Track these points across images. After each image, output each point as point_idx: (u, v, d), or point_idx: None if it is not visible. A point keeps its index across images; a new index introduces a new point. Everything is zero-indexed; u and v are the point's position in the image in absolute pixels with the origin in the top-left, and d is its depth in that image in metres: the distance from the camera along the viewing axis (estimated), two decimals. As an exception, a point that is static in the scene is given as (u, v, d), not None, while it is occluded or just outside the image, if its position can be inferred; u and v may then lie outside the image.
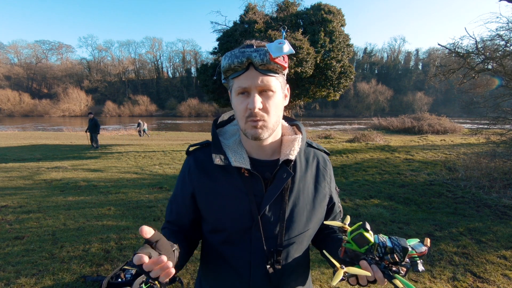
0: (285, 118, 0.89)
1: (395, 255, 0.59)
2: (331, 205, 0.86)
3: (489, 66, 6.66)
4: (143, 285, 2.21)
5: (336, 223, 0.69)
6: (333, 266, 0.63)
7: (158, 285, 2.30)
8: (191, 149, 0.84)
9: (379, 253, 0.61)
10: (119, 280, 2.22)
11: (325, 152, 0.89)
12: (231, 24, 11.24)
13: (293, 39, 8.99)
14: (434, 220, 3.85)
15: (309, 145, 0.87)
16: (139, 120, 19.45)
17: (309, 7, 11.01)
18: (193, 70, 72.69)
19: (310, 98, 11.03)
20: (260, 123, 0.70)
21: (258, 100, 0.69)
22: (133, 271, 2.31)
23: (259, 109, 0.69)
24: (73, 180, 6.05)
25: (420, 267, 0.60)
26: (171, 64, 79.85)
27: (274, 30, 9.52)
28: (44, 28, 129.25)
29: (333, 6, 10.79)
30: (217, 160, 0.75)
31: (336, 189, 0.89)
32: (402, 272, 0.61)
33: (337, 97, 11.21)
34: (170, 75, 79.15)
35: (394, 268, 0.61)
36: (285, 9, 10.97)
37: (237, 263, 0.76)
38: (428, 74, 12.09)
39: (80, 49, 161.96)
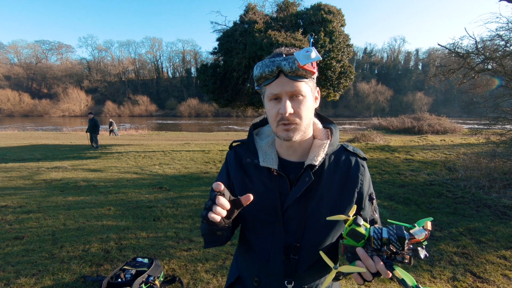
0: (321, 118, 0.93)
1: (391, 246, 0.58)
2: (358, 211, 0.85)
3: (489, 66, 6.66)
4: (143, 285, 2.21)
5: (339, 217, 0.67)
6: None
7: (158, 285, 2.30)
8: (234, 144, 0.94)
9: (376, 246, 0.60)
10: (119, 280, 2.22)
11: (360, 157, 0.87)
12: (231, 24, 11.24)
13: (293, 39, 8.99)
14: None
15: (344, 148, 0.88)
16: (111, 119, 19.00)
17: (309, 7, 11.02)
18: (193, 70, 72.63)
19: (310, 98, 11.01)
20: (292, 126, 0.75)
21: (289, 105, 0.73)
22: (133, 271, 2.31)
23: (290, 113, 0.73)
24: (73, 180, 6.05)
25: (422, 254, 0.58)
26: (171, 64, 79.85)
27: (274, 30, 9.52)
28: (44, 28, 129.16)
29: (333, 6, 10.79)
30: (248, 159, 0.86)
31: (372, 195, 0.87)
32: (407, 260, 0.59)
33: (337, 97, 11.21)
34: (170, 75, 79.12)
35: (398, 257, 0.59)
36: (285, 9, 10.97)
37: (259, 250, 0.85)
38: (428, 74, 12.11)
39: (80, 49, 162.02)
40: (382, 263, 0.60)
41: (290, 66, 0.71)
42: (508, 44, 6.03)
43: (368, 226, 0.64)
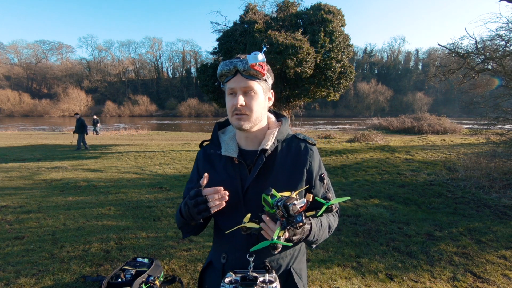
0: (275, 114, 1.09)
1: (279, 211, 0.73)
2: (309, 189, 0.98)
3: (489, 66, 6.66)
4: (143, 285, 2.21)
5: (284, 194, 0.78)
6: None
7: (158, 285, 2.30)
8: (204, 144, 1.07)
9: (274, 211, 0.76)
10: (119, 280, 2.22)
11: (309, 142, 1.01)
12: (231, 24, 11.24)
13: (293, 39, 8.99)
14: (434, 220, 3.85)
15: (295, 137, 1.02)
16: (95, 117, 17.59)
17: (309, 7, 11.01)
18: (193, 70, 72.46)
19: (310, 98, 11.03)
20: (243, 117, 0.89)
21: (241, 98, 0.88)
22: (133, 271, 2.31)
23: (242, 105, 0.88)
24: (73, 180, 6.05)
25: (298, 219, 0.72)
26: (171, 64, 79.68)
27: (274, 30, 9.51)
28: (44, 28, 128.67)
29: (333, 6, 10.78)
30: (212, 150, 1.01)
31: (322, 175, 0.97)
32: (295, 225, 0.74)
33: (337, 97, 11.21)
34: (170, 75, 78.99)
35: (293, 223, 0.74)
36: (285, 9, 10.97)
37: (225, 229, 0.93)
38: (428, 74, 12.11)
39: (80, 49, 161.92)
40: (277, 224, 0.75)
41: (243, 66, 0.86)
42: (508, 44, 6.03)
43: (278, 196, 0.76)
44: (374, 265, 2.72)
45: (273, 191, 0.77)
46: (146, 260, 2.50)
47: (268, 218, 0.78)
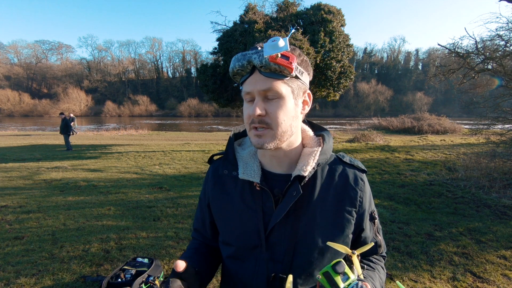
0: (311, 125, 0.82)
1: None
2: (358, 233, 0.74)
3: (489, 66, 6.66)
4: (143, 285, 2.21)
5: (340, 247, 0.58)
6: None
7: (158, 285, 2.30)
8: (215, 158, 0.82)
9: None
10: (119, 280, 2.22)
11: (359, 169, 0.75)
12: (231, 24, 11.25)
13: (293, 39, 8.99)
14: (434, 220, 3.85)
15: (339, 160, 0.76)
16: (72, 115, 17.03)
17: (309, 7, 11.02)
18: (193, 70, 72.55)
19: (310, 98, 11.02)
20: (263, 132, 0.64)
21: (259, 106, 0.62)
22: (133, 271, 2.31)
23: (262, 115, 0.63)
24: (73, 180, 6.05)
25: None
26: (171, 64, 79.77)
27: (274, 30, 9.51)
28: (44, 28, 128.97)
29: (333, 6, 10.79)
30: (225, 171, 0.75)
31: (373, 214, 0.76)
32: None
33: (337, 97, 11.22)
34: (170, 75, 79.06)
35: None
36: (285, 9, 10.97)
37: (240, 281, 0.72)
38: (428, 74, 12.10)
39: (80, 49, 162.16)
40: None
41: (259, 59, 0.60)
42: (508, 44, 6.03)
43: (352, 277, 0.54)
44: (374, 265, 2.71)
45: (346, 268, 0.53)
46: (146, 260, 2.50)
47: None
